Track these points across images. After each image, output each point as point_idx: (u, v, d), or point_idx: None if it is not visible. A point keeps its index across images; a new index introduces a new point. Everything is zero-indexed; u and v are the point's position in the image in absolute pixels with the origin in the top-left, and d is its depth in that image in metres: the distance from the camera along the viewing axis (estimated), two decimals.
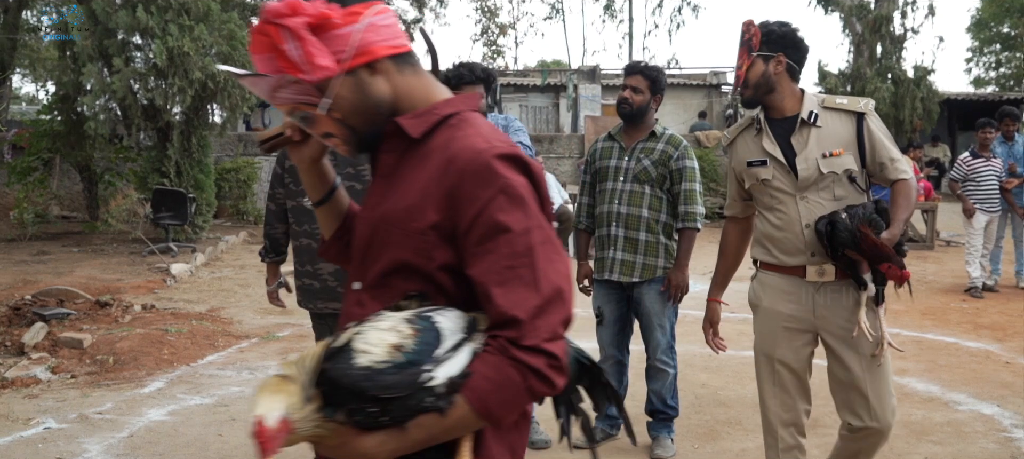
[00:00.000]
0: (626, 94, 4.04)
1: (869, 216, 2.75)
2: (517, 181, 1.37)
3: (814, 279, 2.88)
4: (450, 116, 1.46)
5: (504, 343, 1.32)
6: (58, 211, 15.13)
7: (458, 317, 1.38)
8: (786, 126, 2.93)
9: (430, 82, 1.51)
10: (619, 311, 4.13)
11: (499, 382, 1.32)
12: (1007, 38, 32.37)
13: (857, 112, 2.88)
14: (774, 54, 2.89)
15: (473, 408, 1.31)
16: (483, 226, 1.35)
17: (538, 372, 1.32)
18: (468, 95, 1.55)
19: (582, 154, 16.42)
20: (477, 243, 1.36)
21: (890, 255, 2.68)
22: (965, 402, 4.95)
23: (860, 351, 2.87)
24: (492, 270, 1.35)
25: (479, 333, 1.38)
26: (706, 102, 20.55)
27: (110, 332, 6.39)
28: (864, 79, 17.47)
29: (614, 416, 4.27)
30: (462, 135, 1.42)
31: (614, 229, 4.02)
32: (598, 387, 1.66)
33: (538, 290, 1.34)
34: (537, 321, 1.32)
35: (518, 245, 1.35)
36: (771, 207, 2.96)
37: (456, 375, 1.31)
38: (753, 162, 2.98)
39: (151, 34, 10.79)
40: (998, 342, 6.52)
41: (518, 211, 1.36)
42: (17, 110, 27.45)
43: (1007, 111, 8.97)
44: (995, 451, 4.20)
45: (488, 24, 36.73)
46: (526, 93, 21.49)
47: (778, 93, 2.92)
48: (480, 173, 1.36)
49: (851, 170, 2.85)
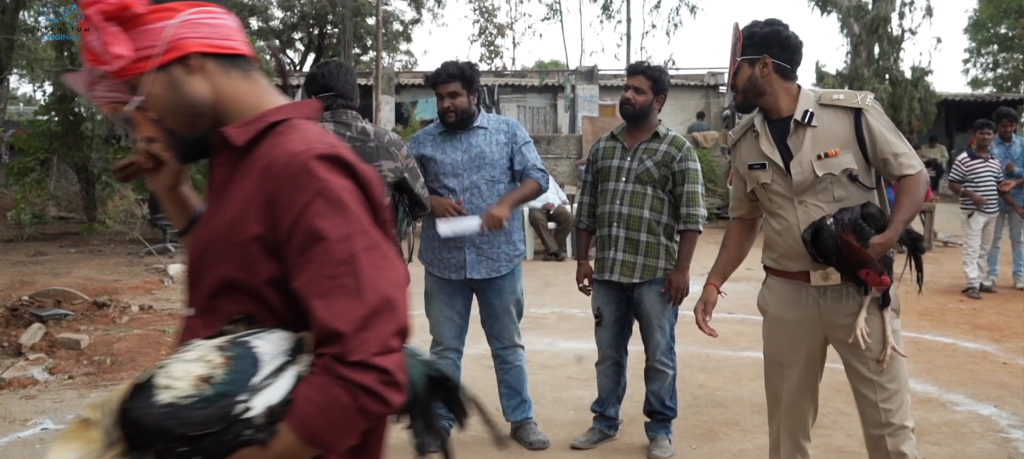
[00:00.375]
0: (628, 95, 4.04)
1: (854, 221, 2.67)
2: (338, 184, 1.28)
3: (819, 283, 2.80)
4: (278, 123, 1.38)
5: (329, 361, 1.22)
6: (55, 212, 15.13)
7: (282, 339, 1.27)
8: (784, 127, 2.85)
9: (263, 89, 1.42)
10: (619, 312, 4.13)
11: (325, 405, 1.21)
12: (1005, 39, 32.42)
13: (854, 108, 2.77)
14: (759, 57, 2.82)
15: (299, 436, 1.21)
16: (302, 234, 1.26)
17: (368, 390, 1.21)
18: (303, 102, 1.46)
19: (580, 155, 16.42)
20: (298, 253, 1.26)
21: (867, 261, 2.60)
22: (962, 403, 4.96)
23: (866, 356, 2.79)
24: (313, 281, 1.25)
25: (306, 354, 1.27)
26: (704, 103, 20.56)
27: (108, 333, 6.38)
28: (862, 80, 17.50)
29: (612, 417, 4.27)
30: (284, 140, 1.33)
31: (615, 230, 4.02)
32: (456, 402, 1.54)
33: (363, 300, 1.23)
34: (363, 334, 1.22)
35: (338, 252, 1.25)
36: (772, 212, 2.90)
37: (276, 403, 1.20)
38: (753, 165, 2.92)
39: None
40: (995, 343, 6.53)
41: (338, 216, 1.27)
42: (14, 110, 27.42)
43: (1005, 112, 8.98)
44: (992, 451, 4.21)
45: (486, 25, 36.75)
46: (524, 94, 21.49)
47: (770, 95, 2.84)
48: (296, 177, 1.28)
49: (851, 169, 2.75)
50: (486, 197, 4.03)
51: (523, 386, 4.26)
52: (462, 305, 4.18)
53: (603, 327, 4.16)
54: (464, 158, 4.04)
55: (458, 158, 4.05)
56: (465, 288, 4.14)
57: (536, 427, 4.28)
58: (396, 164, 3.57)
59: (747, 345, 6.36)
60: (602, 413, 4.26)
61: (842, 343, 2.83)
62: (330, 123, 3.49)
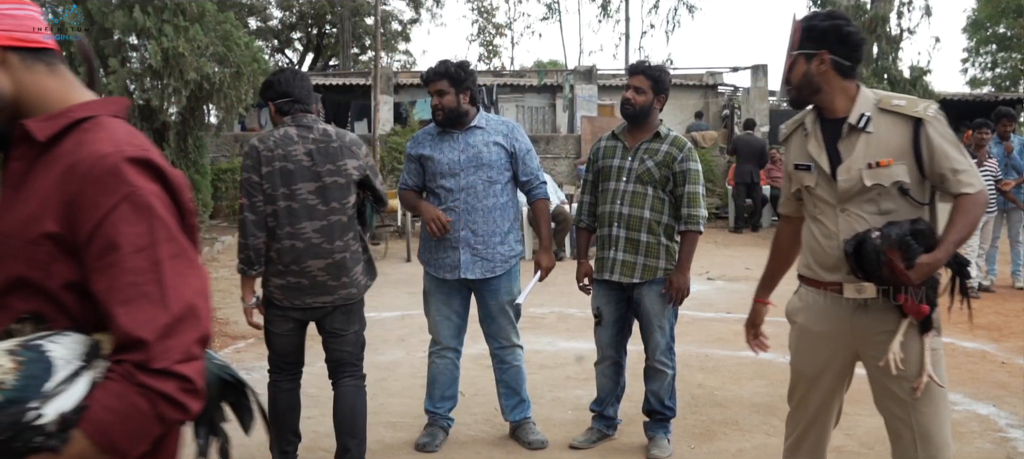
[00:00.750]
0: (629, 95, 4.04)
1: (902, 238, 2.45)
2: (146, 188, 1.27)
3: (852, 296, 2.61)
4: (84, 119, 1.34)
5: (130, 368, 1.20)
6: None
7: (76, 343, 1.25)
8: (836, 129, 2.65)
9: (70, 85, 1.39)
10: (618, 312, 4.13)
11: (123, 412, 1.20)
12: (1003, 39, 32.44)
13: (914, 117, 2.55)
14: (817, 52, 2.61)
15: (93, 442, 1.19)
16: (104, 237, 1.23)
17: (169, 398, 1.21)
18: (111, 99, 1.43)
19: (579, 154, 16.41)
20: (98, 256, 1.24)
21: (908, 284, 2.43)
22: (961, 402, 4.96)
23: (898, 382, 2.59)
24: (115, 287, 1.23)
25: (102, 359, 1.25)
26: (702, 103, 20.54)
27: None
28: (860, 79, 17.49)
29: (611, 417, 4.27)
30: (92, 139, 1.30)
31: (615, 229, 4.02)
32: (244, 405, 1.52)
33: (167, 308, 1.23)
34: (167, 341, 1.21)
35: (142, 259, 1.23)
36: (813, 216, 2.72)
37: (69, 410, 1.18)
38: (799, 165, 2.74)
39: (147, 35, 10.79)
40: (994, 342, 6.53)
41: (144, 222, 1.25)
42: None
43: (1004, 112, 8.99)
44: (991, 451, 4.21)
45: (485, 24, 36.78)
46: (523, 93, 21.47)
47: (826, 93, 2.65)
48: (103, 179, 1.25)
49: (902, 182, 2.55)
50: (482, 198, 4.04)
51: (522, 386, 4.26)
52: (459, 305, 4.18)
53: (602, 327, 4.16)
54: (461, 158, 4.05)
55: (455, 158, 4.05)
56: (462, 288, 4.14)
57: (535, 427, 4.28)
58: (359, 162, 3.64)
59: (746, 345, 6.36)
60: (601, 413, 4.26)
61: (873, 362, 2.64)
62: (293, 127, 3.56)
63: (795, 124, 2.82)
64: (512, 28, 37.80)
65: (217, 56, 11.07)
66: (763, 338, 3.07)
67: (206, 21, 10.98)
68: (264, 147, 3.51)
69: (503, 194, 4.10)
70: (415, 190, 4.21)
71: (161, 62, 10.56)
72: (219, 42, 11.08)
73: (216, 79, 10.97)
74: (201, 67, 10.75)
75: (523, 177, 4.15)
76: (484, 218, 4.05)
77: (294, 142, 3.52)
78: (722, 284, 8.97)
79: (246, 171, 3.52)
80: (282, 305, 3.60)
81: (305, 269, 3.52)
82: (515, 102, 21.30)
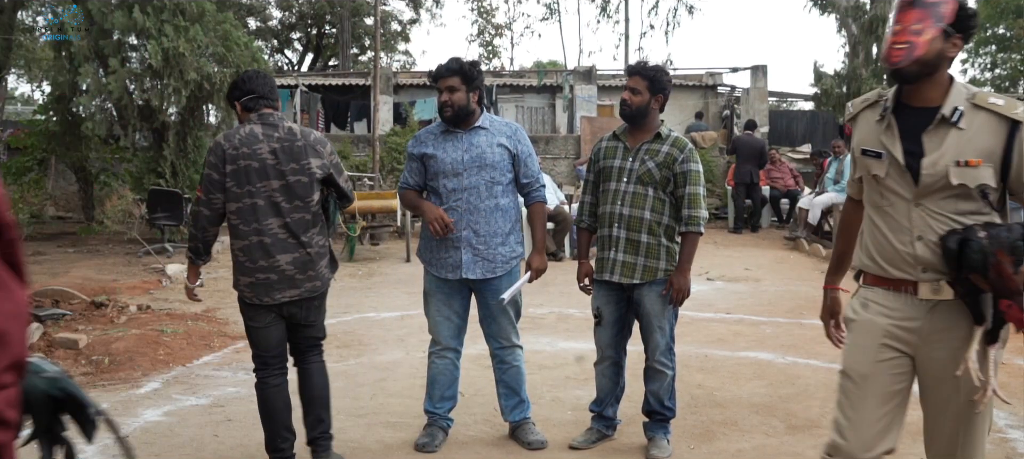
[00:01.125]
0: (626, 95, 4.04)
1: (1013, 242, 2.29)
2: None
3: (928, 297, 2.43)
4: None
5: None
6: (54, 212, 15.12)
7: None
8: (920, 118, 2.45)
9: None
10: (618, 312, 4.13)
11: None
12: (1002, 39, 32.44)
13: (1013, 119, 2.38)
14: (958, 33, 2.41)
15: None
16: None
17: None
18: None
19: (578, 155, 16.43)
20: None
21: (1016, 292, 2.27)
22: None
23: (958, 392, 2.45)
24: None
25: None
26: (702, 103, 20.54)
27: (106, 333, 6.37)
28: (860, 80, 17.51)
29: (610, 417, 4.27)
30: None
31: (616, 230, 4.02)
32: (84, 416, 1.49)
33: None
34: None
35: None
36: (879, 207, 2.53)
37: None
38: (867, 151, 2.54)
39: (147, 35, 10.80)
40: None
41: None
42: (12, 110, 27.41)
43: None
44: (990, 451, 4.19)
45: (484, 25, 36.78)
46: (522, 94, 21.48)
47: (935, 77, 2.44)
48: None
49: (986, 185, 2.38)
50: (484, 198, 4.05)
51: (521, 386, 4.26)
52: (460, 305, 4.18)
53: (602, 327, 4.16)
54: (464, 158, 4.05)
55: (458, 157, 4.05)
56: (463, 288, 4.14)
57: (534, 427, 4.28)
58: (323, 161, 3.74)
59: (745, 345, 6.37)
60: (600, 413, 4.26)
61: (936, 370, 2.48)
62: (259, 125, 3.68)
63: (865, 102, 2.62)
64: (512, 28, 37.87)
65: (217, 56, 11.09)
66: (842, 331, 2.79)
67: (206, 21, 10.99)
68: (230, 145, 3.63)
69: (505, 195, 4.11)
70: (416, 189, 4.21)
71: (161, 62, 10.57)
72: (219, 42, 11.09)
73: (216, 79, 10.98)
74: (201, 67, 10.76)
75: (523, 180, 4.17)
76: (486, 219, 4.05)
77: (259, 141, 3.63)
78: (722, 285, 8.97)
79: (208, 167, 3.66)
80: (253, 303, 3.72)
81: (274, 264, 3.64)
82: (515, 102, 21.30)
